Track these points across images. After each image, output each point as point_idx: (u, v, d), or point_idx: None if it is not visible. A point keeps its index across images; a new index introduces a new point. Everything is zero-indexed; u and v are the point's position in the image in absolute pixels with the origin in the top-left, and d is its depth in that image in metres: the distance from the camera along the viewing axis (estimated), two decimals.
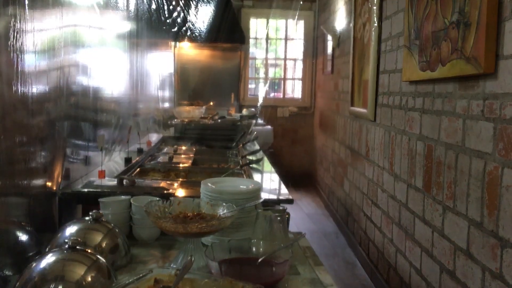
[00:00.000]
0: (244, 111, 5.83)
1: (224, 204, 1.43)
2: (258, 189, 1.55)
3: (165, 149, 3.29)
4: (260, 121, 5.76)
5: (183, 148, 3.34)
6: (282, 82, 7.02)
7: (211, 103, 5.82)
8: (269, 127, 5.61)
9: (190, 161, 2.70)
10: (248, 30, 6.63)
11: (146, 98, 3.47)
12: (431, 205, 2.35)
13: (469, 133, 1.95)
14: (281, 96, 7.05)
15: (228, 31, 5.70)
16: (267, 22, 6.88)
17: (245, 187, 1.56)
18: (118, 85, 2.55)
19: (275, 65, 7.14)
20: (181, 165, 2.58)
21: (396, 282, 2.88)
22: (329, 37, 5.71)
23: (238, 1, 6.56)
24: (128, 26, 2.81)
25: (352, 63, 4.11)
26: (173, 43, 5.64)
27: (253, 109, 5.93)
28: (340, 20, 4.99)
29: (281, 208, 1.48)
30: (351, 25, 4.17)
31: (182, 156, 2.92)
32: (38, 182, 1.44)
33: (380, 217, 3.26)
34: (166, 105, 4.98)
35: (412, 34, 2.54)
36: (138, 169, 2.38)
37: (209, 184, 1.54)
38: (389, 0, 3.20)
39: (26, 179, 1.35)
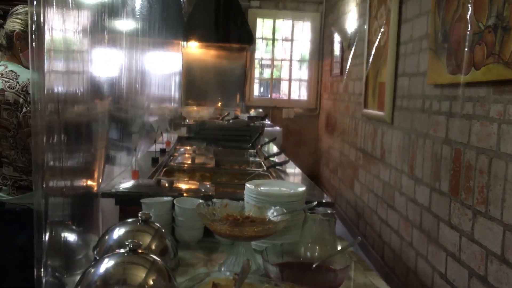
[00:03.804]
0: (252, 112, 5.82)
1: (272, 207, 1.41)
2: (305, 191, 1.53)
3: (181, 149, 3.26)
4: (267, 122, 5.74)
5: (200, 148, 3.31)
6: (288, 83, 7.01)
7: (219, 104, 5.79)
8: (278, 128, 5.59)
9: (213, 162, 2.68)
10: (254, 31, 6.61)
11: (162, 98, 3.44)
12: (458, 210, 2.34)
13: (505, 138, 1.95)
14: (279, 97, 7.04)
15: (237, 32, 5.68)
16: (274, 23, 6.87)
17: (292, 190, 1.54)
18: (142, 85, 2.52)
19: (280, 66, 7.12)
20: (205, 166, 2.56)
21: (416, 286, 2.87)
22: (337, 39, 5.71)
23: (245, 2, 6.54)
24: (143, 26, 2.78)
25: (366, 65, 4.11)
26: (182, 43, 5.61)
27: (260, 110, 5.92)
28: (351, 22, 4.98)
29: (328, 211, 1.46)
30: (366, 27, 4.17)
31: (203, 157, 2.89)
32: (83, 183, 1.42)
33: (397, 220, 3.25)
34: (175, 105, 4.95)
35: (439, 37, 2.53)
36: (163, 169, 2.36)
37: (255, 187, 1.52)
38: (410, 3, 3.19)
39: (72, 180, 1.32)
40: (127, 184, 1.74)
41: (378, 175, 3.74)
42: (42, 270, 0.91)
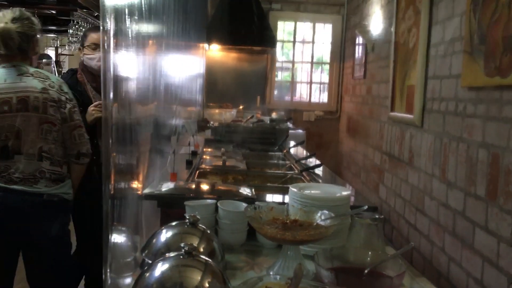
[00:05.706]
0: (274, 115, 5.81)
1: (319, 211, 1.40)
2: (350, 195, 1.51)
3: (208, 152, 3.27)
4: (290, 125, 5.72)
5: (229, 151, 3.31)
6: (309, 85, 6.99)
7: (241, 106, 5.80)
8: (300, 130, 5.57)
9: (244, 165, 2.67)
10: (276, 33, 6.60)
11: (190, 101, 3.45)
12: (496, 215, 2.29)
13: None
14: (297, 99, 7.01)
15: (259, 34, 5.68)
16: (295, 26, 6.86)
17: (337, 193, 1.52)
18: (176, 88, 2.53)
19: (300, 68, 7.10)
20: (237, 168, 2.56)
21: None
22: (359, 41, 5.67)
23: (267, 4, 6.54)
24: (176, 30, 2.79)
25: (393, 68, 4.07)
26: (205, 46, 5.63)
27: (282, 112, 5.90)
28: (376, 24, 4.94)
29: (376, 216, 1.44)
30: (393, 29, 4.13)
31: (233, 159, 2.89)
32: (133, 184, 1.42)
33: (427, 225, 3.20)
34: (198, 108, 4.97)
35: (475, 39, 2.49)
36: (197, 172, 2.36)
37: (299, 190, 1.51)
38: (441, 5, 3.15)
39: (127, 181, 1.32)
40: (167, 187, 1.74)
41: (406, 179, 3.69)
42: (108, 271, 0.91)
